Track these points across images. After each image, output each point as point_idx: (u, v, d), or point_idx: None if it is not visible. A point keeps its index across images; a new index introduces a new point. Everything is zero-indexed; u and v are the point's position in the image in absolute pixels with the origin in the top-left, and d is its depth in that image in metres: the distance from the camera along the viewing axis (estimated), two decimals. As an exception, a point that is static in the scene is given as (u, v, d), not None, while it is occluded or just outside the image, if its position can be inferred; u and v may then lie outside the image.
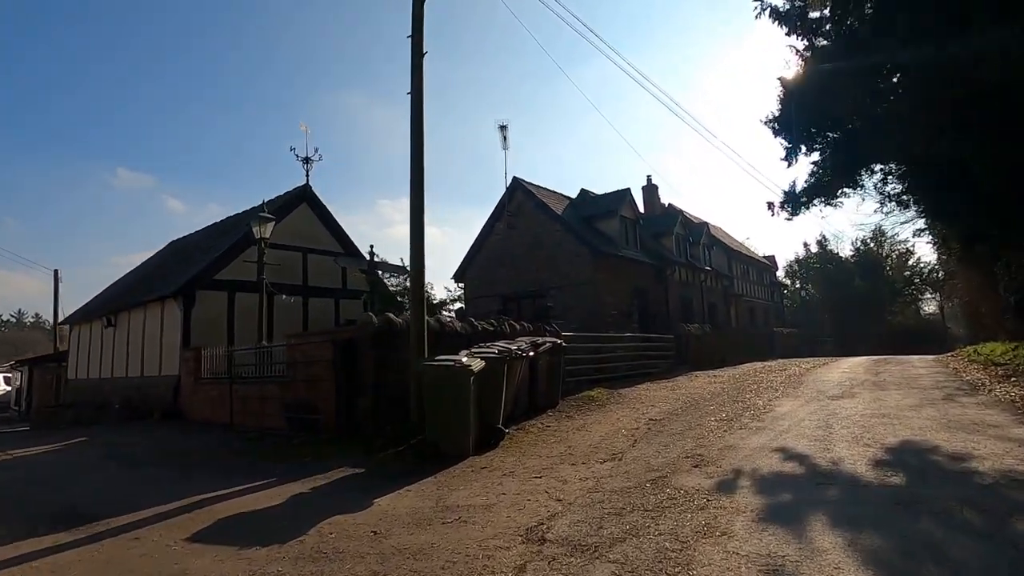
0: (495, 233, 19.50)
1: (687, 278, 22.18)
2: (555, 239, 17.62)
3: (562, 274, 17.27)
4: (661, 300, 19.84)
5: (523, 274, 18.37)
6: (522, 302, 18.55)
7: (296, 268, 13.62)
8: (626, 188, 19.09)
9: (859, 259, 45.52)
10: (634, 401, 9.60)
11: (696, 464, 5.00)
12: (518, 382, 7.49)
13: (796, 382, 11.33)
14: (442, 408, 5.82)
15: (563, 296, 17.15)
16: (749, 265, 31.27)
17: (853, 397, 8.44)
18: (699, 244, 23.98)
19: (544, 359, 8.46)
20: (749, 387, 10.75)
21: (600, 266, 16.72)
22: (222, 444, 7.62)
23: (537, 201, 18.15)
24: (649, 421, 7.60)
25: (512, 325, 9.31)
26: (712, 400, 9.25)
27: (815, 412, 7.31)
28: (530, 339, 8.43)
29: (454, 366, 5.73)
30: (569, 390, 10.38)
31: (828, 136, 12.02)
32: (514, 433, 6.97)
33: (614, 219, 18.42)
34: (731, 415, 7.55)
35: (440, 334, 7.82)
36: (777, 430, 6.27)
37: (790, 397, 9.01)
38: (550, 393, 8.68)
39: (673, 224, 21.98)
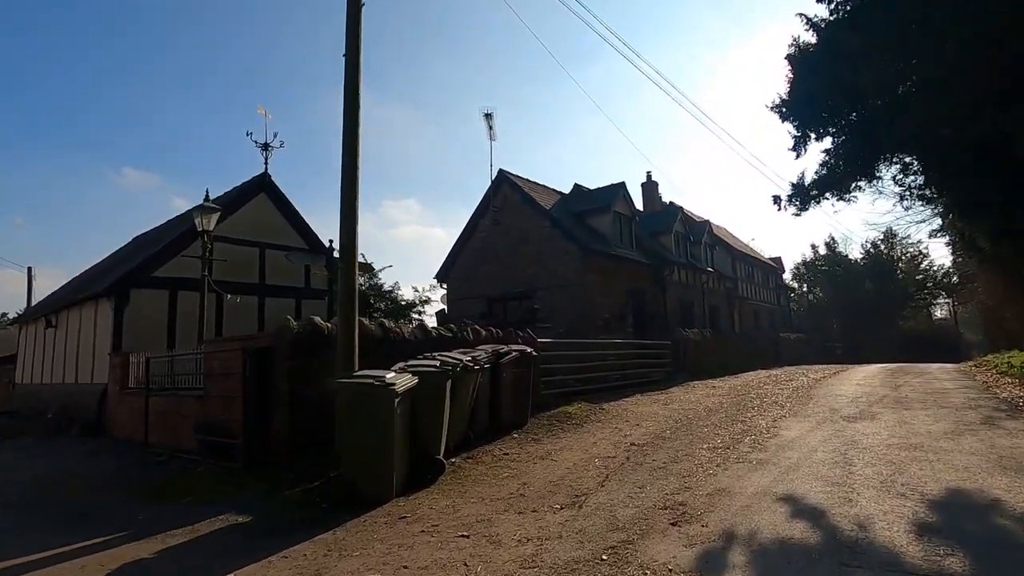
0: (480, 230, 18.35)
1: (687, 279, 20.98)
2: (543, 236, 16.45)
3: (550, 274, 16.10)
4: (658, 303, 18.64)
5: (509, 274, 17.21)
6: (508, 304, 17.39)
7: (252, 265, 12.49)
8: (621, 182, 17.93)
9: (869, 262, 44.19)
10: (618, 419, 8.41)
11: (676, 520, 3.82)
12: (472, 400, 6.33)
13: (805, 396, 10.12)
14: (359, 437, 4.67)
15: (551, 297, 15.97)
16: (754, 266, 30.04)
17: (874, 419, 7.24)
18: (700, 243, 22.77)
19: (509, 371, 7.30)
20: (751, 402, 9.55)
21: (591, 265, 15.54)
22: (119, 471, 6.50)
23: (524, 195, 17.00)
24: (630, 447, 6.42)
25: (476, 331, 8.16)
26: (707, 419, 8.05)
27: (829, 439, 6.12)
28: (493, 348, 7.27)
29: (372, 384, 4.57)
30: (545, 405, 9.20)
31: (842, 120, 10.83)
32: (462, 463, 5.80)
33: (607, 215, 17.23)
34: (728, 441, 6.36)
35: (382, 341, 6.67)
36: (783, 465, 5.08)
37: (798, 417, 7.81)
38: (517, 411, 7.52)
39: (672, 221, 20.79)
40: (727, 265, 26.33)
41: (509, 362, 7.25)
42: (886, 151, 10.97)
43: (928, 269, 43.33)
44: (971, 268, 23.58)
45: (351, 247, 5.93)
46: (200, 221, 10.15)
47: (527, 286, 16.65)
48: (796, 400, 9.62)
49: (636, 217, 18.41)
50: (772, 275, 33.49)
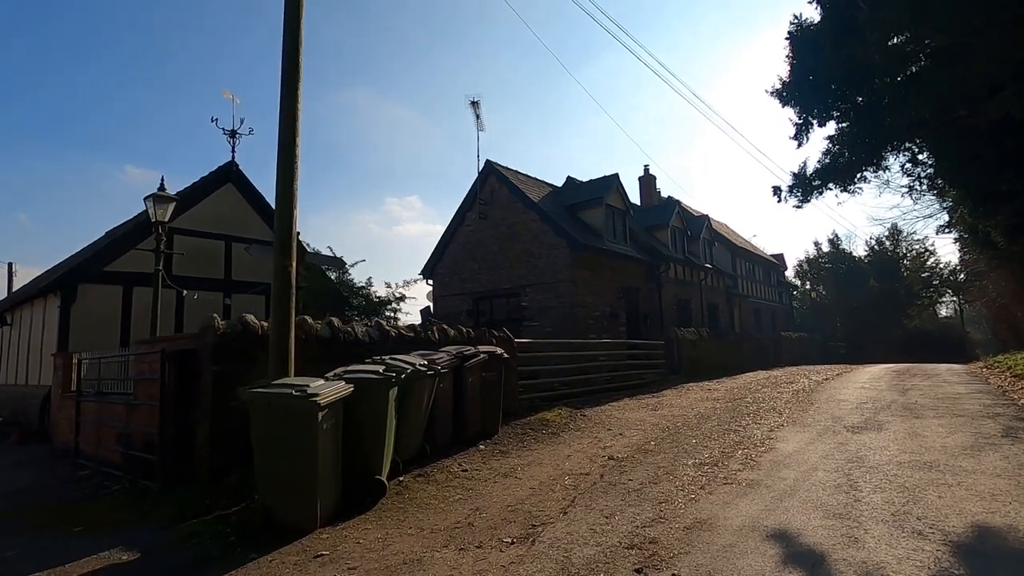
0: (466, 224, 17.64)
1: (684, 276, 20.28)
2: (531, 230, 15.75)
3: (539, 270, 15.40)
4: (653, 301, 17.94)
5: (497, 270, 16.51)
6: (495, 301, 16.71)
7: (216, 259, 11.81)
8: (614, 173, 17.22)
9: (873, 259, 43.48)
10: (600, 427, 7.73)
11: (642, 564, 3.14)
12: (428, 409, 5.65)
13: (805, 401, 9.44)
14: (275, 458, 3.99)
15: (539, 295, 15.28)
16: (755, 263, 29.32)
17: (880, 429, 6.55)
18: (699, 239, 22.05)
19: (476, 376, 6.62)
20: (747, 408, 8.87)
21: (580, 261, 14.84)
22: (31, 488, 5.83)
23: (512, 187, 16.29)
24: (607, 462, 5.74)
25: (443, 330, 7.47)
26: (698, 427, 7.37)
27: (831, 454, 5.43)
28: (458, 350, 6.59)
29: (290, 395, 3.89)
30: (523, 411, 8.53)
31: (847, 103, 10.10)
32: (411, 483, 5.11)
33: (599, 208, 16.52)
34: (717, 455, 5.68)
35: (330, 343, 5.98)
36: (777, 488, 4.40)
37: (797, 426, 7.13)
38: (486, 419, 6.84)
39: (669, 216, 20.07)
40: (727, 262, 25.62)
41: (476, 366, 6.57)
42: (895, 137, 10.25)
43: (934, 266, 42.61)
44: (981, 265, 22.84)
45: (287, 226, 5.26)
46: (153, 211, 9.46)
47: (515, 283, 15.96)
48: (796, 406, 8.93)
49: (630, 211, 17.70)
50: (774, 272, 32.77)
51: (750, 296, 27.53)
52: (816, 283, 47.00)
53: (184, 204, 11.44)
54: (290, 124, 5.37)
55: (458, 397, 6.38)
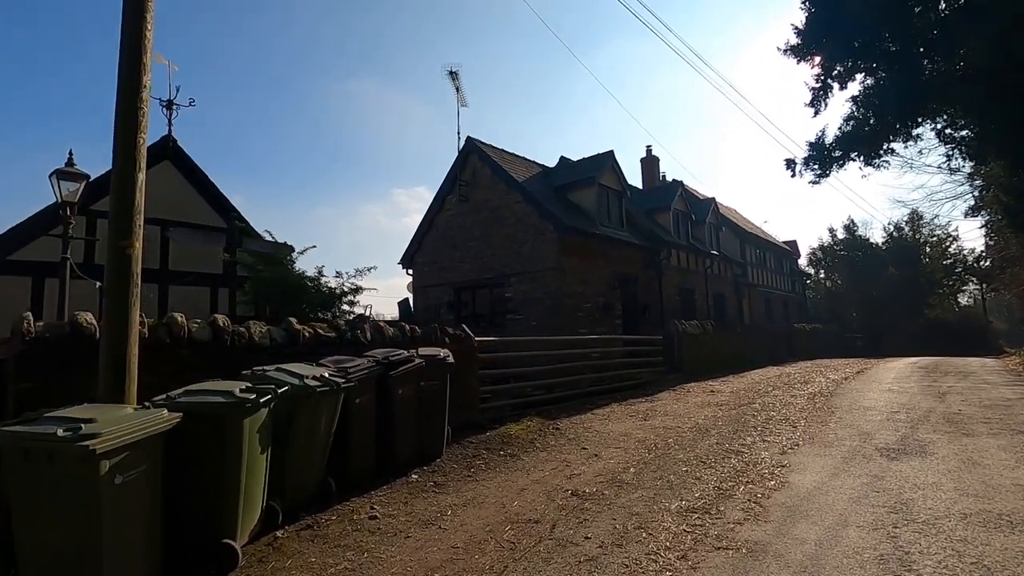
0: (446, 209, 16.30)
1: (688, 264, 18.85)
2: (515, 213, 14.38)
3: (523, 257, 14.06)
4: (653, 290, 16.55)
5: (479, 258, 15.19)
6: (478, 293, 15.41)
7: (152, 247, 10.56)
8: (608, 151, 15.75)
9: (892, 246, 41.69)
10: (572, 445, 6.42)
11: None
12: (326, 434, 4.36)
13: (824, 408, 8.08)
14: (42, 527, 2.70)
15: (524, 285, 13.95)
16: (766, 250, 27.79)
17: (924, 454, 5.19)
18: (704, 223, 20.59)
19: (409, 387, 5.32)
20: (754, 417, 7.53)
21: (569, 246, 13.47)
22: None
23: (495, 166, 14.90)
24: (568, 501, 4.45)
25: (379, 328, 6.17)
26: (692, 445, 6.05)
27: (864, 495, 4.10)
28: (385, 354, 5.28)
29: (55, 437, 2.60)
30: (485, 423, 7.25)
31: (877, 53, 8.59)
32: (288, 540, 3.83)
33: (591, 188, 15.10)
34: (711, 493, 4.37)
35: (212, 347, 4.69)
36: (792, 560, 3.08)
37: (816, 445, 5.79)
38: (426, 439, 5.55)
39: (671, 198, 18.60)
40: (735, 248, 24.14)
41: (408, 374, 5.27)
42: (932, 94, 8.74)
43: (957, 253, 40.79)
44: (1013, 250, 21.23)
45: (129, 193, 3.95)
46: (59, 190, 8.21)
47: (498, 272, 14.63)
48: (813, 415, 7.58)
49: (627, 192, 16.27)
50: (786, 260, 31.21)
51: (760, 285, 26.05)
52: (831, 271, 45.26)
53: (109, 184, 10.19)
54: (133, 45, 4.04)
55: (383, 414, 5.09)
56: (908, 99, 9.02)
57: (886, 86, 8.72)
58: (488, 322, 14.88)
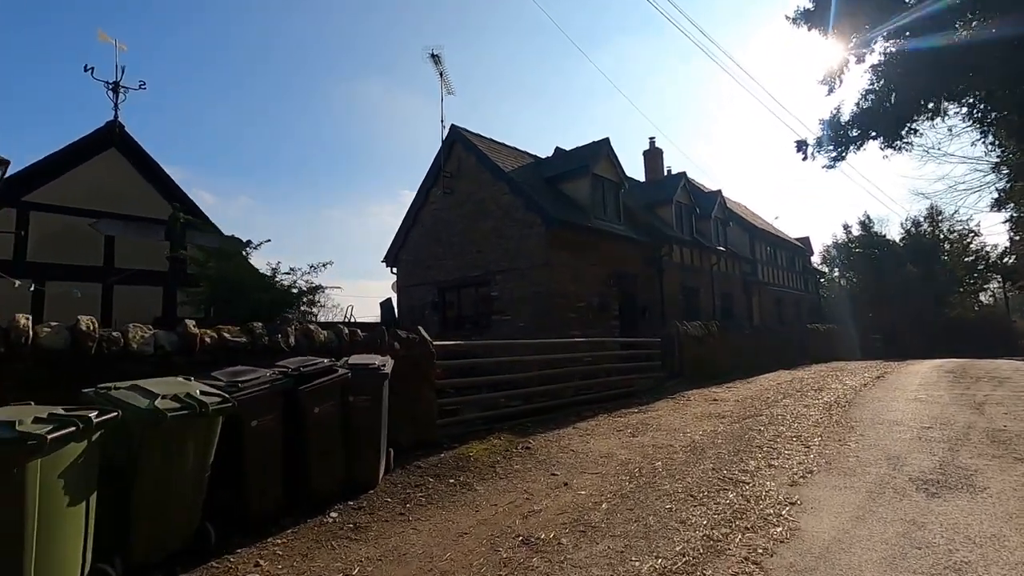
0: (430, 202, 15.38)
1: (692, 261, 17.79)
2: (501, 205, 13.42)
3: (510, 253, 13.09)
4: (653, 289, 15.51)
5: (464, 255, 14.25)
6: (463, 292, 14.47)
7: (93, 242, 9.71)
8: (604, 138, 14.74)
9: (910, 242, 40.30)
10: (540, 471, 5.44)
11: None
12: (197, 468, 3.42)
13: (843, 422, 7.03)
14: None
15: (510, 283, 12.99)
16: (777, 247, 26.60)
17: (973, 488, 4.15)
18: (709, 217, 19.51)
19: (330, 403, 4.38)
20: (760, 434, 6.51)
21: (559, 241, 12.48)
22: None
23: (480, 155, 13.95)
24: (515, 550, 3.50)
25: (308, 333, 5.22)
26: (683, 472, 5.05)
27: (900, 552, 3.09)
28: (299, 364, 4.34)
29: None
30: (443, 441, 6.29)
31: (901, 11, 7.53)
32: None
33: (584, 179, 14.10)
34: (699, 541, 3.39)
35: (72, 356, 3.76)
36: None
37: (834, 473, 4.76)
38: (356, 466, 4.61)
39: (672, 190, 17.55)
40: (744, 244, 23.02)
41: (325, 388, 4.32)
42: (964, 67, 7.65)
43: (979, 249, 39.27)
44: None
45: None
46: (-29, 178, 7.37)
47: (483, 269, 13.68)
48: (829, 430, 6.54)
49: (625, 183, 15.24)
50: (798, 257, 29.98)
51: (771, 284, 24.89)
52: (846, 270, 43.90)
53: (47, 173, 9.38)
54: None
55: (294, 438, 4.14)
56: (937, 69, 7.95)
57: (912, 53, 7.66)
58: (473, 324, 13.95)
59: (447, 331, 14.50)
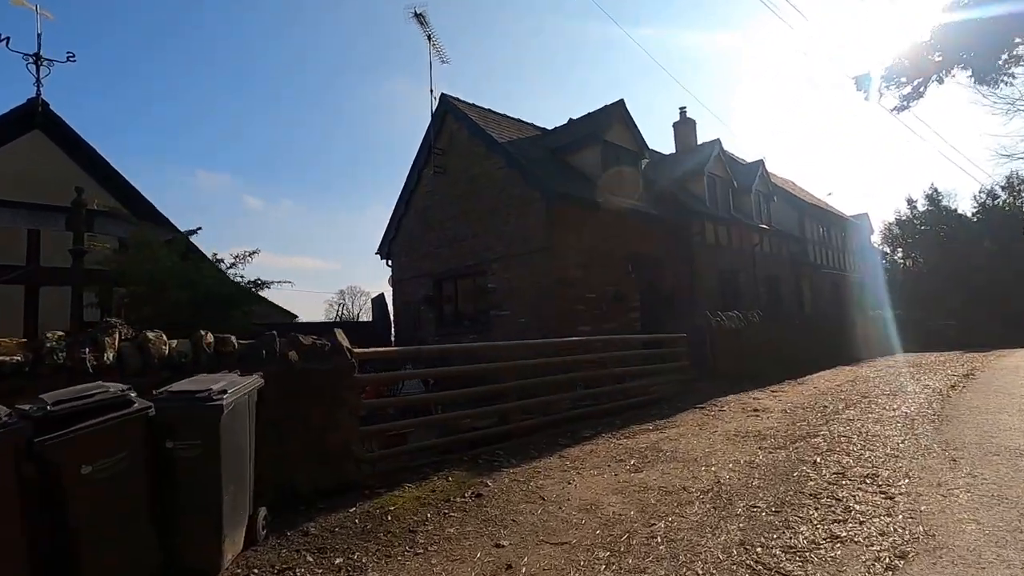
0: (423, 184, 13.82)
1: (730, 241, 15.61)
2: (495, 182, 11.72)
3: (507, 237, 11.39)
4: (682, 275, 13.50)
5: (459, 241, 12.65)
6: (460, 283, 12.86)
7: (14, 238, 8.58)
8: (618, 100, 12.76)
9: (985, 217, 36.17)
10: (480, 534, 3.77)
11: None
12: None
13: (935, 448, 5.04)
14: None
15: (508, 272, 11.30)
16: (830, 225, 23.85)
17: None
18: (750, 191, 17.22)
19: (116, 458, 2.82)
20: (816, 467, 4.64)
21: (562, 220, 10.69)
22: None
23: (472, 126, 12.26)
24: None
25: (143, 344, 3.70)
26: (693, 546, 3.28)
27: None
28: (60, 397, 2.79)
29: None
30: (370, 483, 4.69)
31: None
32: None
33: (594, 147, 12.21)
34: None
35: None
36: None
37: (944, 559, 2.85)
38: (180, 546, 3.07)
39: (704, 161, 15.39)
40: (792, 221, 20.53)
41: (100, 436, 2.78)
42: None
43: (1071, 221, 34.76)
44: None
45: None
46: None
47: (479, 257, 12.03)
48: (919, 463, 4.58)
49: (645, 152, 13.25)
50: (855, 236, 27.01)
51: (825, 266, 22.24)
52: (911, 249, 39.92)
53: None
54: None
55: (48, 512, 2.60)
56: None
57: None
58: (472, 321, 12.34)
59: (444, 329, 12.96)
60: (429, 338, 13.29)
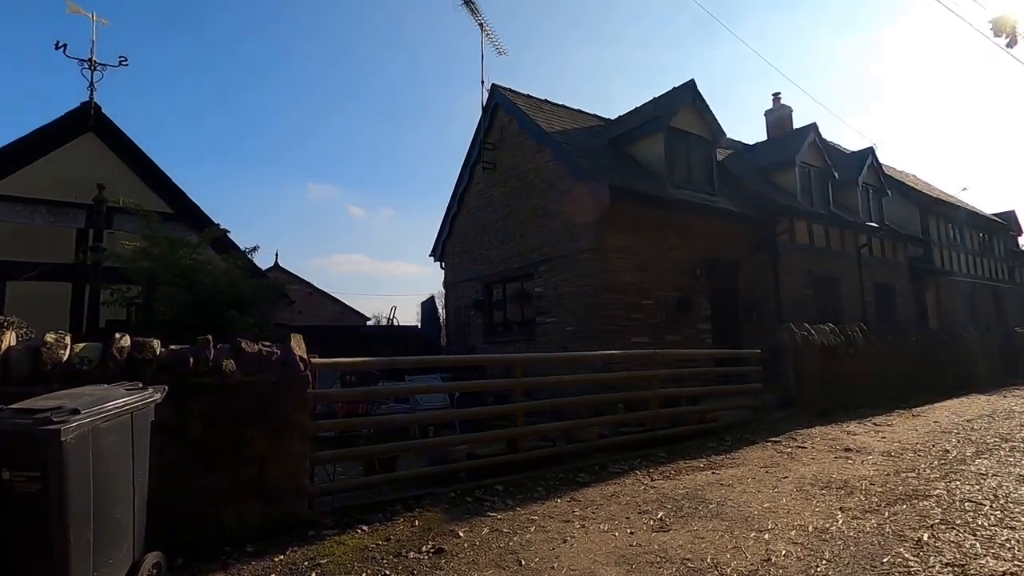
0: (475, 181, 13.18)
1: (828, 242, 13.45)
2: (545, 177, 10.76)
3: (555, 237, 10.39)
4: (765, 281, 11.71)
5: (508, 242, 11.84)
6: (508, 287, 12.02)
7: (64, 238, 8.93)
8: (688, 81, 11.28)
9: None
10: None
11: None
12: None
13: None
14: None
15: (556, 276, 10.29)
16: (963, 224, 20.24)
17: None
18: (856, 184, 14.84)
19: None
20: (925, 552, 3.20)
21: (615, 217, 9.49)
22: None
23: (522, 118, 11.38)
24: None
25: (35, 347, 3.19)
26: None
27: None
28: None
29: None
30: (327, 521, 3.97)
31: None
32: None
33: (657, 135, 10.85)
34: None
35: None
36: None
37: None
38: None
39: (797, 148, 13.37)
40: (912, 221, 17.61)
41: None
42: None
43: None
44: None
45: None
46: None
47: (526, 259, 11.11)
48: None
49: (721, 139, 11.63)
50: (999, 238, 22.84)
51: (955, 273, 18.86)
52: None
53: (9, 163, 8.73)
54: None
55: None
56: None
57: None
58: (520, 327, 11.46)
59: (492, 337, 12.19)
60: (478, 345, 12.57)
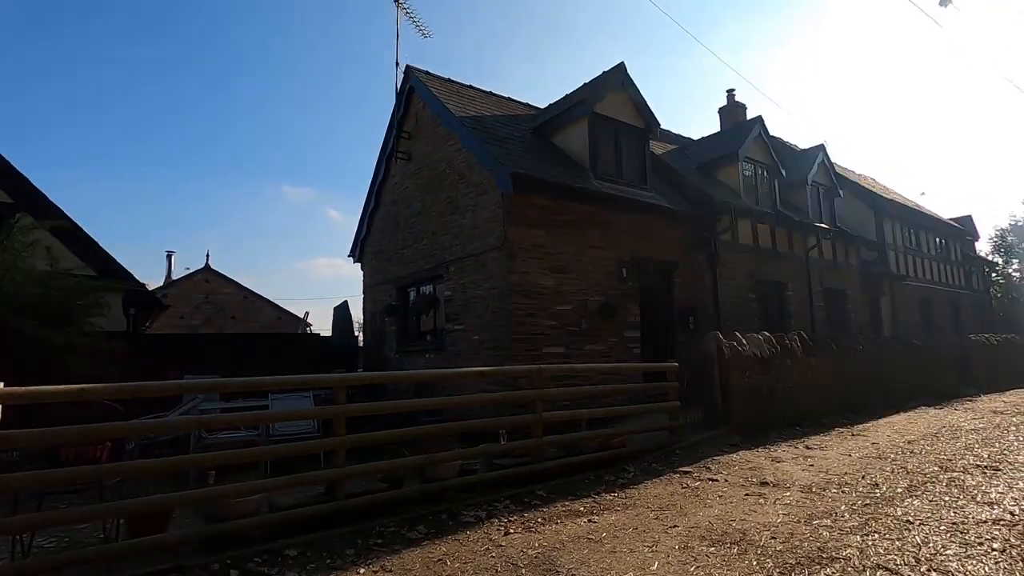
0: (391, 175, 12.03)
1: (774, 243, 12.66)
2: (456, 167, 9.69)
3: (464, 233, 9.31)
4: (704, 284, 10.81)
5: (420, 239, 10.72)
6: (422, 290, 10.88)
7: None
8: (618, 63, 10.35)
9: None
10: None
11: None
12: None
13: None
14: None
15: (464, 277, 9.19)
16: (920, 228, 19.85)
17: None
18: (804, 183, 14.16)
19: None
20: None
21: (525, 212, 8.44)
22: None
23: (434, 103, 10.28)
24: None
25: None
26: None
27: None
28: None
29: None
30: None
31: None
32: None
33: (581, 122, 9.87)
34: None
35: None
36: None
37: None
38: None
39: (739, 142, 12.57)
40: (866, 223, 17.06)
41: None
42: None
43: None
44: None
45: None
46: None
47: (436, 259, 10.00)
48: None
49: (654, 129, 10.70)
50: (955, 243, 22.58)
51: (912, 278, 18.38)
52: (1029, 259, 33.83)
53: None
54: None
55: None
56: None
57: None
58: (433, 337, 10.33)
59: (406, 346, 11.03)
60: (391, 355, 11.40)
